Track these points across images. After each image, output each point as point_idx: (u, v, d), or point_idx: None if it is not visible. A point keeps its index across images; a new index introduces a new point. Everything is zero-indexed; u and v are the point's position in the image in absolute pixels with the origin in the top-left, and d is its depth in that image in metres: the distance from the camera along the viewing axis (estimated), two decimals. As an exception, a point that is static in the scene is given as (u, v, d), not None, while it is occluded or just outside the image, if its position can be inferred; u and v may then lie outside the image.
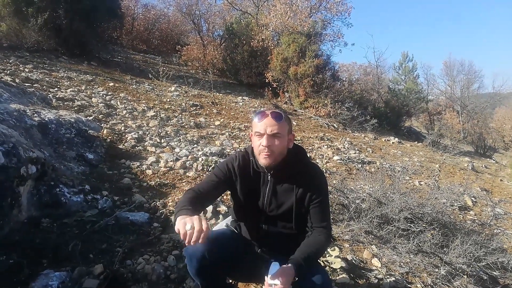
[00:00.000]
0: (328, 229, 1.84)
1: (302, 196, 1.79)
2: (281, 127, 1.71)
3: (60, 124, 4.05)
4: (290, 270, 1.58)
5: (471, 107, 21.92)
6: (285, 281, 1.53)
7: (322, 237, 1.79)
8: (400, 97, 15.35)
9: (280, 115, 1.72)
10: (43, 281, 2.04)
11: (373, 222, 3.50)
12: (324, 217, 1.84)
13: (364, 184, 4.66)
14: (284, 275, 1.55)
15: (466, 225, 4.16)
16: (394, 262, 3.10)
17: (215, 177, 1.85)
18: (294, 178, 1.80)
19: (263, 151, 1.71)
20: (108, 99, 6.55)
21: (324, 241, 1.80)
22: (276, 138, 1.70)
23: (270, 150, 1.69)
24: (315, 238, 1.79)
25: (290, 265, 1.61)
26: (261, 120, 1.71)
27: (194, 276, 1.77)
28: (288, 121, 1.79)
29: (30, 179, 2.71)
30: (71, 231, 2.65)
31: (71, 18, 8.86)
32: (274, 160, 1.72)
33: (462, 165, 8.82)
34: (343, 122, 11.01)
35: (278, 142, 1.70)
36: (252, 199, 1.87)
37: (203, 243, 1.43)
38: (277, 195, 1.83)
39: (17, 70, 6.73)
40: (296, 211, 1.81)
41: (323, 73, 12.22)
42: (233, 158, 1.90)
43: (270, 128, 1.68)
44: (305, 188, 1.79)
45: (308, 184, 1.79)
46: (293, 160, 1.80)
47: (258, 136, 1.72)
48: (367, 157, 7.21)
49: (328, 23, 15.14)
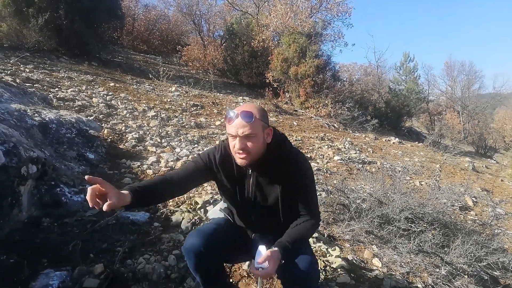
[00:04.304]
0: (315, 215, 1.83)
1: (287, 187, 1.75)
2: (254, 126, 1.61)
3: (60, 124, 4.05)
4: (276, 254, 1.60)
5: (472, 107, 21.92)
6: (271, 265, 1.57)
7: (309, 222, 1.79)
8: (401, 97, 15.35)
9: (251, 114, 1.60)
10: (44, 280, 2.04)
11: (373, 222, 3.49)
12: (310, 204, 1.82)
13: (365, 184, 4.66)
14: (271, 259, 1.57)
15: (467, 225, 4.16)
16: (394, 262, 3.09)
17: (193, 166, 1.81)
18: (277, 170, 1.74)
19: (238, 153, 1.65)
20: (108, 99, 6.55)
21: (311, 226, 1.80)
22: (250, 139, 1.62)
23: (246, 152, 1.63)
24: (302, 223, 1.79)
25: (277, 248, 1.63)
26: (231, 122, 1.62)
27: (194, 271, 1.79)
28: (262, 117, 1.67)
29: (31, 179, 2.71)
30: (71, 231, 2.65)
31: (71, 19, 8.85)
32: (251, 160, 1.66)
33: (463, 165, 8.81)
34: (343, 122, 11.00)
35: (252, 143, 1.63)
36: (236, 192, 1.83)
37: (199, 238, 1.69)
38: (261, 187, 1.79)
39: (18, 70, 6.74)
40: (282, 202, 1.78)
41: (323, 73, 12.22)
42: (216, 149, 1.85)
43: (241, 130, 1.60)
44: (289, 178, 1.74)
45: (292, 174, 1.73)
46: (274, 154, 1.73)
47: (232, 138, 1.65)
48: (368, 157, 7.20)
49: (329, 24, 15.16)
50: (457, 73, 25.09)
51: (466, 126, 19.59)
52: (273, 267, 1.57)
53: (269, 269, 1.56)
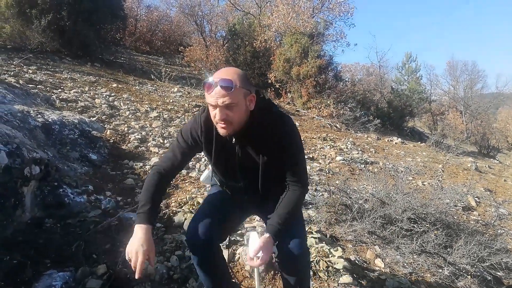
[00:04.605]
0: (303, 182, 1.79)
1: (273, 154, 1.70)
2: (234, 95, 1.50)
3: (63, 125, 4.07)
4: (269, 241, 1.62)
5: (475, 107, 21.89)
6: (266, 253, 1.59)
7: (297, 193, 1.76)
8: (403, 97, 15.34)
9: (230, 82, 1.48)
10: (47, 281, 2.05)
11: (376, 222, 3.49)
12: (298, 171, 1.78)
13: (367, 185, 4.65)
14: (265, 247, 1.59)
15: (470, 226, 4.14)
16: (397, 263, 3.09)
17: (179, 150, 1.80)
18: (261, 137, 1.68)
19: (219, 123, 1.57)
20: (111, 100, 6.56)
21: (300, 195, 1.77)
22: (231, 108, 1.52)
23: (227, 122, 1.55)
24: (289, 196, 1.76)
25: (268, 235, 1.64)
26: (210, 91, 1.50)
27: (198, 265, 1.80)
28: (243, 83, 1.54)
29: (34, 180, 2.72)
30: (74, 232, 2.66)
31: (74, 20, 8.88)
32: (233, 130, 1.59)
33: (466, 166, 8.78)
34: (345, 122, 11.00)
35: (233, 112, 1.53)
36: (223, 160, 1.80)
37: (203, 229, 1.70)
38: (247, 155, 1.74)
39: (21, 71, 6.76)
40: (269, 169, 1.74)
41: (325, 73, 12.23)
42: (196, 123, 1.77)
43: (221, 100, 1.49)
44: (276, 145, 1.67)
45: (277, 140, 1.67)
46: (257, 120, 1.65)
47: (212, 107, 1.56)
48: (370, 157, 7.19)
49: (331, 24, 15.19)
50: (460, 72, 25.12)
51: (469, 126, 19.56)
52: (267, 254, 1.60)
53: (265, 257, 1.59)
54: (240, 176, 1.83)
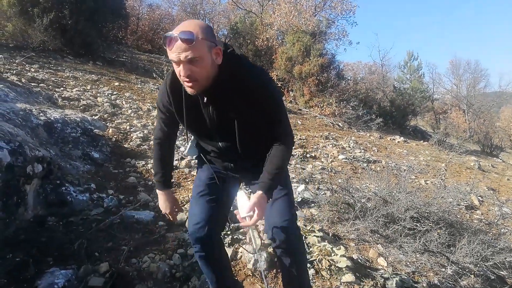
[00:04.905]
0: (288, 138, 1.70)
1: (250, 109, 1.58)
2: (197, 49, 1.37)
3: (66, 123, 4.07)
4: (262, 198, 1.57)
5: (477, 106, 21.82)
6: (260, 211, 1.54)
7: (283, 148, 1.67)
8: (406, 96, 15.32)
9: (191, 34, 1.35)
10: (49, 279, 2.05)
11: (378, 221, 3.47)
12: (281, 126, 1.67)
13: (370, 183, 4.64)
14: (258, 205, 1.54)
15: (473, 225, 4.13)
16: (400, 262, 3.08)
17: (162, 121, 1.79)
18: (235, 92, 1.54)
19: (185, 81, 1.45)
20: (113, 98, 6.57)
21: (287, 149, 1.69)
22: (194, 63, 1.39)
23: (192, 79, 1.43)
24: (275, 152, 1.67)
25: (261, 192, 1.58)
26: (171, 46, 1.38)
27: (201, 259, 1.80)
28: (207, 35, 1.41)
29: (36, 178, 2.72)
30: (76, 230, 2.66)
31: (76, 19, 8.88)
32: (200, 87, 1.47)
33: (469, 164, 8.75)
34: (348, 121, 10.98)
35: (198, 67, 1.40)
36: (198, 124, 1.69)
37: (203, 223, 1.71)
38: (222, 114, 1.61)
39: (23, 70, 6.77)
40: (246, 126, 1.63)
41: (328, 72, 12.22)
42: (163, 93, 1.69)
43: (183, 55, 1.36)
44: (252, 99, 1.55)
45: (253, 94, 1.54)
46: (228, 76, 1.51)
47: (175, 64, 1.43)
48: (373, 156, 7.18)
49: (333, 22, 15.18)
50: (463, 71, 25.04)
51: (472, 125, 19.50)
52: (262, 212, 1.55)
53: (259, 215, 1.54)
54: (218, 138, 1.73)
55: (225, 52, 1.52)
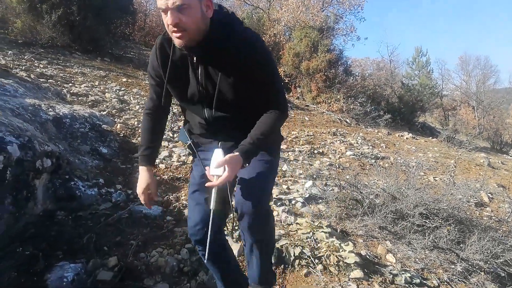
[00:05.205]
0: (281, 107, 1.62)
1: (241, 72, 1.50)
2: None
3: (74, 118, 4.09)
4: (236, 159, 1.46)
5: (487, 102, 21.56)
6: (230, 171, 1.43)
7: (274, 115, 1.59)
8: (414, 92, 15.18)
9: None
10: (59, 272, 2.07)
11: (387, 217, 3.45)
12: (274, 95, 1.60)
13: (378, 180, 4.60)
14: (229, 163, 1.44)
15: (483, 222, 4.08)
16: (409, 258, 3.05)
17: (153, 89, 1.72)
18: (226, 53, 1.47)
19: (173, 31, 1.38)
20: (121, 94, 6.59)
21: (277, 118, 1.60)
22: (183, 11, 1.34)
23: (181, 28, 1.36)
24: (265, 118, 1.59)
25: (237, 153, 1.48)
26: None
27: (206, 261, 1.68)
28: None
29: (46, 173, 2.73)
30: (85, 224, 2.67)
31: (84, 15, 8.92)
32: (189, 40, 1.40)
33: (478, 161, 8.65)
34: (356, 117, 10.92)
35: (186, 16, 1.35)
36: (183, 87, 1.60)
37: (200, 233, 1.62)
38: (210, 77, 1.53)
39: (32, 65, 6.82)
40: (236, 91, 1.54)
41: (335, 68, 12.16)
42: (153, 54, 1.62)
43: (171, 1, 1.31)
44: (244, 63, 1.48)
45: (246, 58, 1.47)
46: (219, 33, 1.45)
47: (163, 13, 1.38)
48: (381, 152, 7.13)
49: (341, 17, 15.09)
50: (472, 67, 24.75)
51: (481, 122, 19.29)
52: (231, 173, 1.43)
53: (227, 176, 1.43)
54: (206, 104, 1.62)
55: (218, 12, 1.49)
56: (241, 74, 1.50)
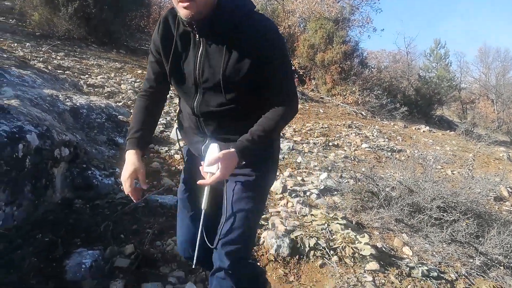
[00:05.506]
0: (290, 101, 1.44)
1: (247, 58, 1.31)
2: None
3: (91, 109, 4.14)
4: (232, 156, 1.33)
5: (507, 95, 21.01)
6: (223, 169, 1.31)
7: (281, 110, 1.40)
8: (432, 85, 14.91)
9: None
10: (77, 259, 2.10)
11: (403, 210, 3.40)
12: (283, 87, 1.41)
13: (394, 172, 4.54)
14: (223, 161, 1.31)
15: (502, 216, 3.99)
16: (426, 251, 3.01)
17: (151, 67, 1.58)
18: (233, 34, 1.30)
19: (180, 0, 1.22)
20: (136, 86, 6.63)
21: (282, 115, 1.41)
22: None
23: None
24: (270, 113, 1.41)
25: (233, 150, 1.33)
26: None
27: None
28: None
29: (63, 162, 2.77)
30: (102, 213, 2.71)
31: (99, 7, 8.97)
32: (197, 12, 1.23)
33: (497, 155, 8.46)
34: (371, 110, 10.78)
35: None
36: (182, 70, 1.43)
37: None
38: (210, 59, 1.35)
39: (50, 57, 6.91)
40: (237, 78, 1.33)
41: (351, 59, 12.00)
42: (156, 30, 1.51)
43: None
44: (251, 47, 1.30)
45: (254, 42, 1.30)
46: (228, 10, 1.30)
47: None
48: (397, 145, 7.03)
49: (357, 8, 14.87)
50: (492, 59, 24.14)
51: (501, 115, 18.85)
52: (225, 171, 1.31)
53: (220, 175, 1.31)
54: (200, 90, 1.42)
55: None
56: (247, 57, 1.31)
